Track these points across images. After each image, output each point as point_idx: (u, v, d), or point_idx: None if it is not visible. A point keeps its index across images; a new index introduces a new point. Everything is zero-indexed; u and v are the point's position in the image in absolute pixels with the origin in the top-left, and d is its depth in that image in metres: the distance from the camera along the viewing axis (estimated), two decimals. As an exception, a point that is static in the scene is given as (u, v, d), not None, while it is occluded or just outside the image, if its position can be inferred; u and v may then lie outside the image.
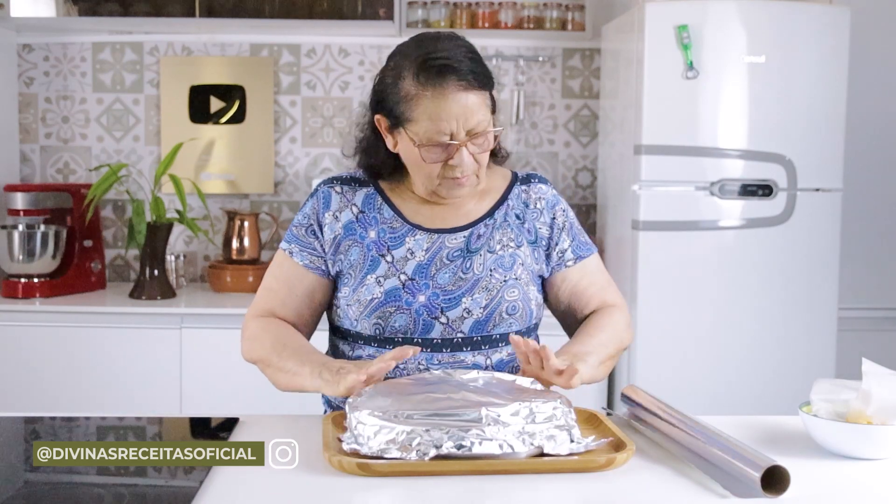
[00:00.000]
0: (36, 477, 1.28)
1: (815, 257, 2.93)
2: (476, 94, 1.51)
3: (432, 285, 1.57)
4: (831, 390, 1.40)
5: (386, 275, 1.57)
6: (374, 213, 1.63)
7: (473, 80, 1.51)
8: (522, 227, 1.64)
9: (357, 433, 1.26)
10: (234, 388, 2.92)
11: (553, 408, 1.29)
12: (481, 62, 1.55)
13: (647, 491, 1.22)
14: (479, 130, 1.52)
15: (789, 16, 2.88)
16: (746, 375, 2.89)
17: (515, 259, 1.61)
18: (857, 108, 3.07)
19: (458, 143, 1.51)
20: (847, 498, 1.21)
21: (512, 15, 3.38)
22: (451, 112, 1.49)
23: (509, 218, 1.64)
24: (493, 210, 1.65)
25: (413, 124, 1.52)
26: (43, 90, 3.47)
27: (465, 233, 1.61)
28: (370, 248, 1.60)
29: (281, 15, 3.16)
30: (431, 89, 1.49)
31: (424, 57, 1.51)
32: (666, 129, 2.87)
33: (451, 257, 1.59)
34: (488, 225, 1.63)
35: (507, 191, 1.67)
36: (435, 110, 1.49)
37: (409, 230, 1.61)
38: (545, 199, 1.67)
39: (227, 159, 3.46)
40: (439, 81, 1.49)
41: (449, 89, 1.49)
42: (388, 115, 1.56)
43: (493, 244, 1.61)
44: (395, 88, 1.54)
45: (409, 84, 1.51)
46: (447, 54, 1.51)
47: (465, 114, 1.50)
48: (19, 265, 3.06)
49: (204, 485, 1.19)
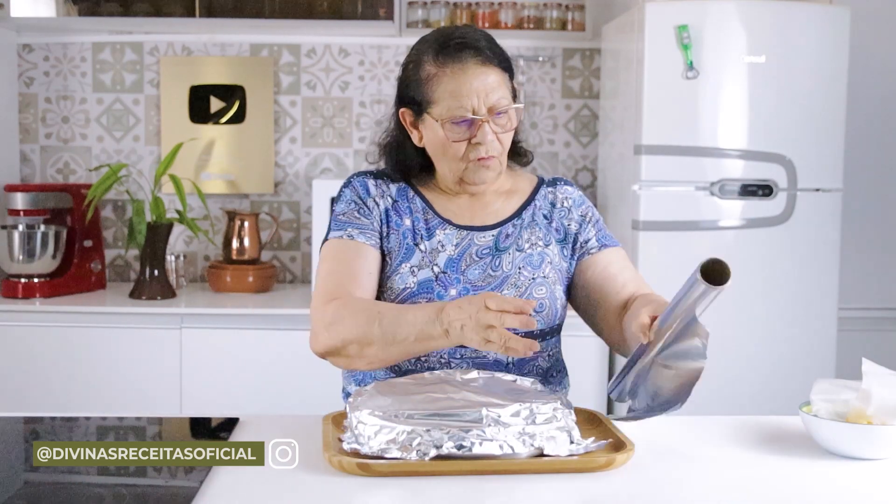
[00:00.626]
0: (36, 477, 1.28)
1: (815, 257, 2.93)
2: (496, 73, 1.54)
3: (463, 280, 1.58)
4: (831, 390, 1.40)
5: (420, 265, 1.58)
6: (407, 204, 1.64)
7: (492, 58, 1.54)
8: (550, 227, 1.65)
9: (357, 433, 1.26)
10: (234, 388, 2.93)
11: (553, 409, 1.29)
12: (501, 48, 1.58)
13: (647, 491, 1.22)
14: (501, 107, 1.54)
15: (789, 16, 2.88)
16: (746, 375, 2.89)
17: (544, 258, 1.62)
18: (857, 108, 3.07)
19: (480, 118, 1.53)
20: (847, 498, 1.21)
21: (512, 15, 3.38)
22: (471, 87, 1.52)
23: (537, 217, 1.66)
24: (521, 210, 1.66)
25: (436, 105, 1.54)
26: (43, 90, 3.47)
27: (494, 232, 1.63)
28: (405, 235, 1.61)
29: (281, 15, 3.17)
30: (451, 66, 1.53)
31: (443, 39, 1.56)
32: (666, 129, 2.87)
33: (481, 255, 1.60)
34: (516, 225, 1.64)
35: (533, 192, 1.69)
36: (456, 86, 1.52)
37: (439, 223, 1.62)
38: (572, 199, 1.69)
39: (227, 159, 3.46)
40: (458, 58, 1.53)
41: (468, 65, 1.52)
42: (412, 104, 1.59)
43: (522, 243, 1.62)
44: (416, 74, 1.57)
45: (430, 66, 1.55)
46: (466, 35, 1.55)
47: (485, 89, 1.52)
48: (19, 265, 3.06)
49: (204, 485, 1.19)
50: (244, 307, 3.00)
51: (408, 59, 1.61)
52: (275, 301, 3.10)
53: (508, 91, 1.56)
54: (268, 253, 3.49)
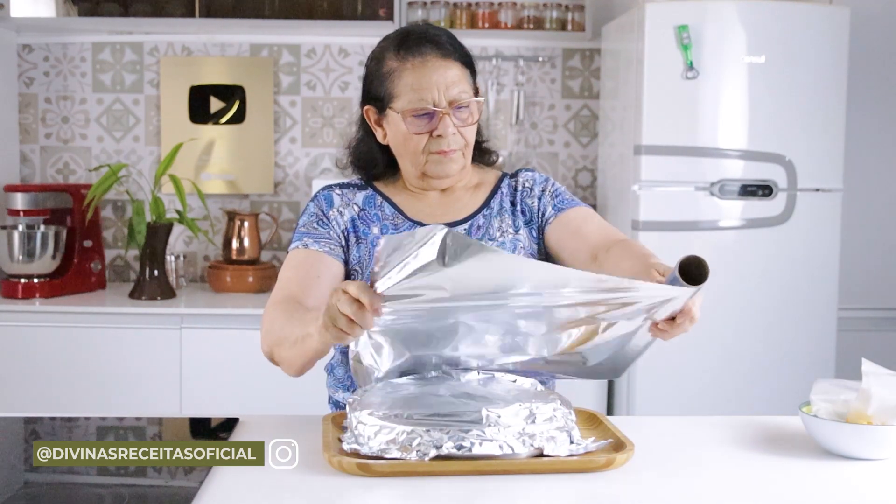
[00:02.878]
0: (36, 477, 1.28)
1: (815, 257, 2.93)
2: (456, 67, 1.57)
3: None
4: (831, 390, 1.40)
5: None
6: (375, 211, 1.65)
7: (452, 52, 1.57)
8: (516, 211, 1.67)
9: (357, 433, 1.26)
10: (234, 388, 2.93)
11: (553, 409, 1.29)
12: (461, 44, 1.61)
13: (647, 491, 1.22)
14: (461, 101, 1.55)
15: (789, 16, 2.88)
16: (746, 375, 2.89)
17: (516, 244, 1.63)
18: (857, 108, 3.07)
19: (441, 110, 1.54)
20: (847, 498, 1.21)
21: (512, 15, 3.38)
22: (431, 80, 1.54)
23: (504, 205, 1.67)
24: (489, 200, 1.67)
25: (397, 99, 1.56)
26: (43, 90, 3.47)
27: (466, 225, 1.64)
28: (374, 243, 1.61)
29: (281, 15, 3.17)
30: (412, 60, 1.55)
31: (404, 34, 1.59)
32: (666, 130, 2.87)
33: None
34: (486, 215, 1.66)
35: (497, 183, 1.71)
36: (416, 79, 1.55)
37: (410, 226, 1.63)
38: (533, 179, 1.70)
39: (227, 159, 3.46)
40: (419, 51, 1.55)
41: (429, 59, 1.55)
42: (375, 100, 1.61)
43: (493, 232, 1.64)
44: (378, 70, 1.59)
45: (391, 60, 1.57)
46: (428, 31, 1.58)
47: (445, 82, 1.54)
48: (19, 265, 3.06)
49: (204, 485, 1.19)
50: (244, 307, 3.00)
51: (371, 56, 1.63)
52: (275, 301, 3.10)
53: (469, 86, 1.58)
54: (268, 253, 3.49)
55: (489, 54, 3.46)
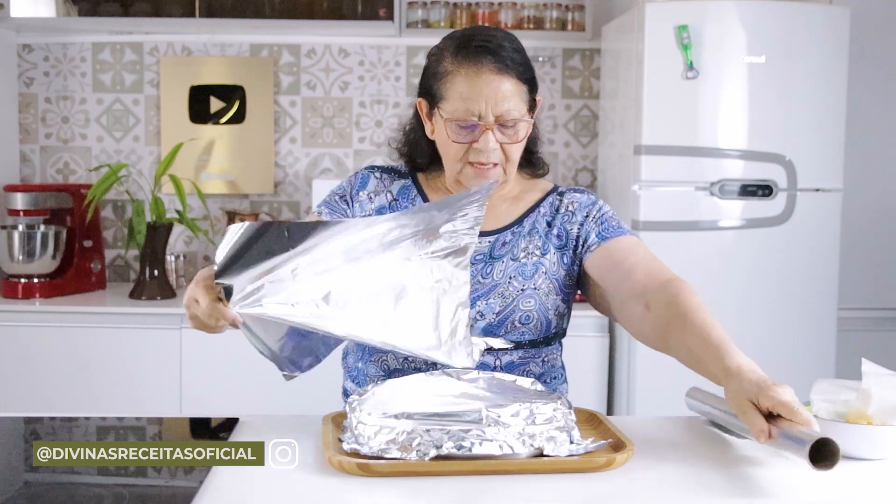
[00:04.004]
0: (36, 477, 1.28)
1: (815, 257, 2.93)
2: (511, 83, 1.52)
3: None
4: (831, 390, 1.40)
5: None
6: (406, 203, 1.63)
7: (511, 67, 1.52)
8: (551, 233, 1.62)
9: (357, 433, 1.26)
10: (234, 388, 2.93)
11: (553, 409, 1.29)
12: (525, 58, 1.56)
13: (647, 491, 1.22)
14: (510, 117, 1.52)
15: (789, 16, 2.88)
16: (746, 375, 2.89)
17: (538, 268, 1.58)
18: (857, 108, 3.08)
19: (483, 124, 1.51)
20: (847, 498, 1.21)
21: (512, 15, 3.38)
22: (481, 92, 1.50)
23: (538, 225, 1.62)
24: (523, 218, 1.63)
25: (446, 102, 1.53)
26: (43, 90, 3.47)
27: (491, 238, 1.60)
28: None
29: (281, 15, 3.17)
30: (466, 67, 1.51)
31: (467, 38, 1.54)
32: (666, 130, 2.87)
33: (474, 260, 1.58)
34: (515, 233, 1.61)
35: (540, 200, 1.66)
36: (466, 89, 1.51)
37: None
38: (578, 202, 1.64)
39: (227, 159, 3.46)
40: (475, 60, 1.51)
41: (483, 70, 1.50)
42: (427, 95, 1.58)
43: (518, 252, 1.59)
44: (435, 67, 1.56)
45: (448, 62, 1.54)
46: (490, 39, 1.53)
47: (495, 97, 1.50)
48: (19, 265, 3.07)
49: (204, 485, 1.19)
50: (244, 307, 2.99)
51: (432, 50, 1.60)
52: (275, 301, 3.09)
53: (523, 102, 1.54)
54: (268, 253, 3.48)
55: (489, 54, 3.46)
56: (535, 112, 1.59)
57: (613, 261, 1.55)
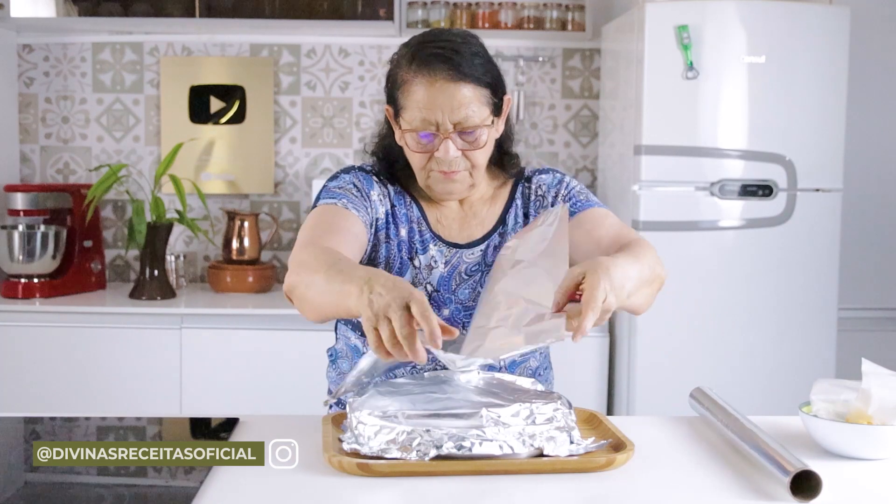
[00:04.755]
0: (36, 477, 1.28)
1: (815, 257, 2.93)
2: (469, 88, 1.46)
3: (454, 300, 1.56)
4: (831, 390, 1.40)
5: (414, 282, 1.55)
6: (404, 210, 1.60)
7: (467, 73, 1.46)
8: (528, 222, 1.62)
9: (357, 433, 1.26)
10: (234, 388, 2.93)
11: (553, 409, 1.29)
12: (485, 60, 1.51)
13: (647, 491, 1.22)
14: (469, 124, 1.47)
15: (789, 16, 2.88)
16: (746, 376, 2.89)
17: None
18: (857, 108, 3.07)
19: (441, 134, 1.47)
20: (847, 498, 1.21)
21: (512, 15, 3.38)
22: (436, 101, 1.46)
23: (518, 219, 1.63)
24: (505, 215, 1.63)
25: (405, 111, 1.50)
26: (43, 90, 3.47)
27: (482, 246, 1.60)
28: (400, 248, 1.58)
29: (281, 15, 3.17)
30: (421, 76, 1.47)
31: (421, 45, 1.50)
32: (666, 130, 2.87)
33: (470, 272, 1.58)
34: (502, 233, 1.61)
35: (512, 192, 1.65)
36: (422, 98, 1.47)
37: (431, 237, 1.59)
38: (545, 185, 1.63)
39: (227, 159, 3.46)
40: (429, 68, 1.46)
41: (438, 78, 1.46)
42: (391, 102, 1.55)
43: None
44: (393, 76, 1.53)
45: (404, 70, 1.50)
46: (445, 45, 1.48)
47: (451, 104, 1.45)
48: (19, 265, 3.06)
49: (204, 485, 1.19)
50: (244, 307, 3.00)
51: (391, 59, 1.56)
52: (275, 301, 3.10)
53: (484, 107, 1.49)
54: (268, 253, 3.48)
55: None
56: (502, 113, 1.55)
57: (583, 230, 1.55)
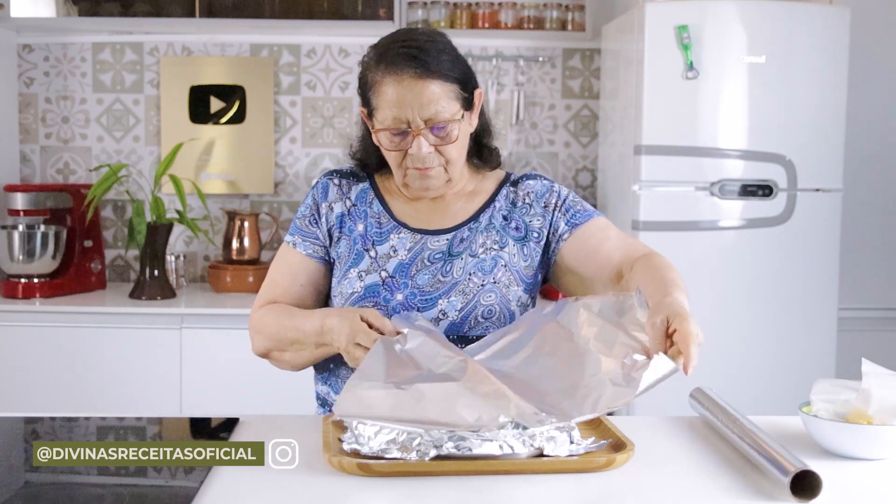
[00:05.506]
0: (36, 477, 1.28)
1: (815, 257, 2.93)
2: (437, 84, 1.50)
3: (411, 285, 1.58)
4: (831, 390, 1.40)
5: (368, 270, 1.59)
6: (364, 208, 1.65)
7: (433, 70, 1.50)
8: (508, 227, 1.63)
9: (357, 433, 1.26)
10: (234, 388, 2.93)
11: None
12: (452, 57, 1.54)
13: (647, 491, 1.22)
14: (439, 119, 1.50)
15: (789, 16, 2.88)
16: (746, 375, 2.89)
17: (497, 262, 1.59)
18: (857, 108, 3.07)
19: (413, 131, 1.51)
20: (847, 498, 1.21)
21: (512, 15, 3.38)
22: (405, 99, 1.49)
23: (494, 220, 1.63)
24: (479, 213, 1.64)
25: (377, 111, 1.54)
26: (43, 90, 3.47)
27: (448, 236, 1.62)
28: (356, 241, 1.62)
29: (281, 15, 3.17)
30: (389, 76, 1.51)
31: (387, 45, 1.54)
32: (666, 130, 2.87)
33: (433, 259, 1.60)
34: (472, 229, 1.62)
35: (494, 193, 1.67)
36: (392, 97, 1.50)
37: (394, 227, 1.62)
38: (534, 193, 1.65)
39: (227, 159, 3.46)
40: (396, 67, 1.50)
41: (405, 76, 1.49)
42: (365, 103, 1.59)
43: (476, 248, 1.60)
44: (364, 77, 1.57)
45: (373, 72, 1.54)
46: (411, 44, 1.52)
47: (420, 101, 1.49)
48: (19, 265, 3.06)
49: (204, 485, 1.19)
50: (244, 307, 3.00)
51: (361, 61, 1.59)
52: (275, 301, 3.09)
53: (454, 101, 1.52)
54: (268, 253, 3.48)
55: (489, 54, 3.47)
56: (473, 108, 1.58)
57: (590, 248, 1.59)
